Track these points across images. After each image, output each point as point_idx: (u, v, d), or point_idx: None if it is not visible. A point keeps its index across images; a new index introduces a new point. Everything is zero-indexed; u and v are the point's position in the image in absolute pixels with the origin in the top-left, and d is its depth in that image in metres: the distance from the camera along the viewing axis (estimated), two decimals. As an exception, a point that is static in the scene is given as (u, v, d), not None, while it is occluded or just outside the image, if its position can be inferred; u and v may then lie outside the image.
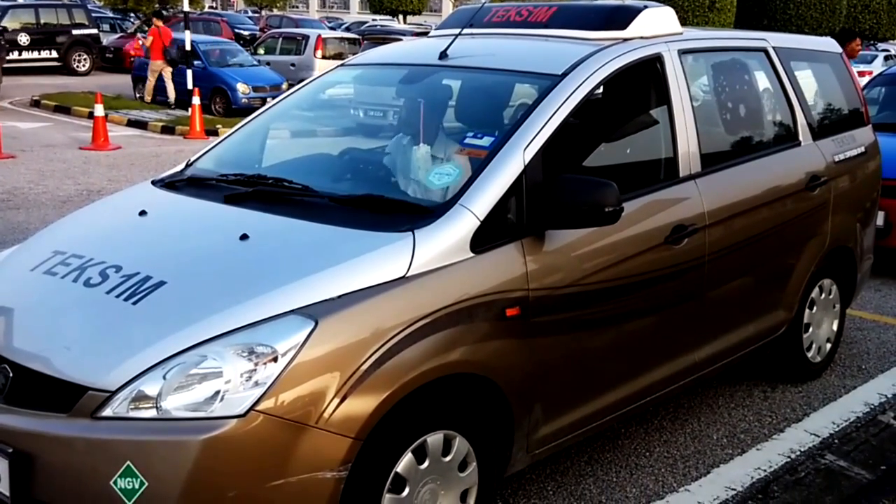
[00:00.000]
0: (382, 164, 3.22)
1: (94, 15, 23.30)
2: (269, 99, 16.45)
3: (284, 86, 17.18)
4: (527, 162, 2.81)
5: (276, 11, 47.15)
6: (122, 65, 22.55)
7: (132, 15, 27.92)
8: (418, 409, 2.50)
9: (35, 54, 20.59)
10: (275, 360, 2.26)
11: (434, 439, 2.55)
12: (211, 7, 48.04)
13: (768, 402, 4.18)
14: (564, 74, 3.09)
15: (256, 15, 42.77)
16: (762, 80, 4.24)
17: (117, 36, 24.75)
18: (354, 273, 2.46)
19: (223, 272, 2.57)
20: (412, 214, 2.70)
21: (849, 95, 4.80)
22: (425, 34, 20.62)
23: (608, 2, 3.76)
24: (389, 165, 3.16)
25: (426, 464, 2.54)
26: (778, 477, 3.46)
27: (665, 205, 3.36)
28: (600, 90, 3.31)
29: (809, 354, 4.40)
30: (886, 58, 24.98)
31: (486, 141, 2.90)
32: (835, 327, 4.59)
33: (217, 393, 2.23)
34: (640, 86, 3.50)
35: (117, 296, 2.50)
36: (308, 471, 2.27)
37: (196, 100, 13.57)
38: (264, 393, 2.23)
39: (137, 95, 17.46)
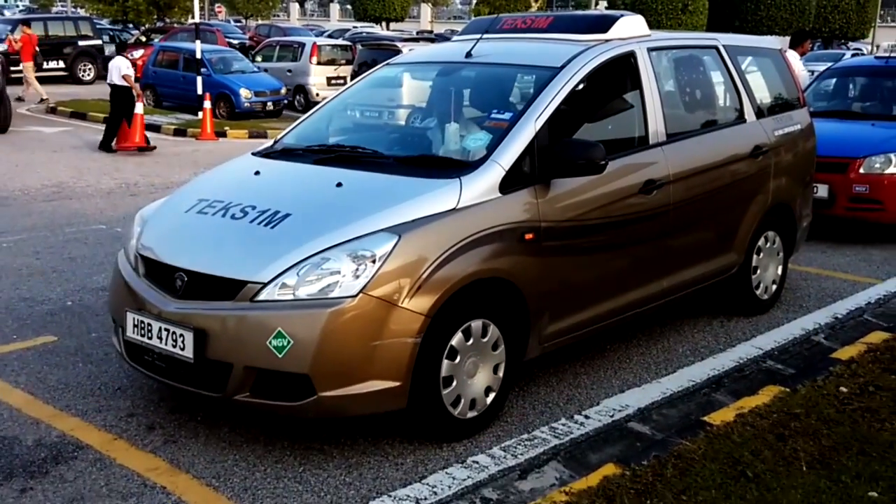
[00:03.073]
0: (426, 135, 4.26)
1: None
2: (269, 103, 17.58)
3: (283, 90, 18.20)
4: (537, 130, 3.85)
5: (260, 21, 48.04)
6: (123, 74, 23.43)
7: (130, 25, 28.80)
8: (466, 301, 3.52)
9: (44, 64, 21.43)
10: (373, 261, 3.29)
11: (476, 324, 3.58)
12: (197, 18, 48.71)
13: (724, 328, 5.23)
14: (562, 66, 4.15)
15: (238, 24, 43.61)
16: (714, 71, 5.32)
17: (117, 46, 25.56)
18: (421, 205, 3.49)
19: (330, 206, 3.60)
20: (457, 167, 3.74)
21: (787, 83, 5.90)
22: (416, 40, 21.57)
23: (593, 12, 4.82)
24: (432, 136, 4.20)
25: (471, 341, 3.57)
26: (728, 374, 4.51)
27: (639, 165, 4.40)
28: (591, 78, 4.34)
29: (758, 292, 5.45)
30: (854, 56, 26.14)
31: (506, 115, 3.97)
32: (779, 272, 5.65)
33: (336, 282, 3.26)
34: (619, 75, 4.55)
35: (258, 224, 3.53)
36: (396, 336, 3.29)
37: (207, 104, 14.53)
38: (367, 283, 3.25)
39: (146, 102, 18.36)
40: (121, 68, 12.48)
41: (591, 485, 3.15)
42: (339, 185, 3.71)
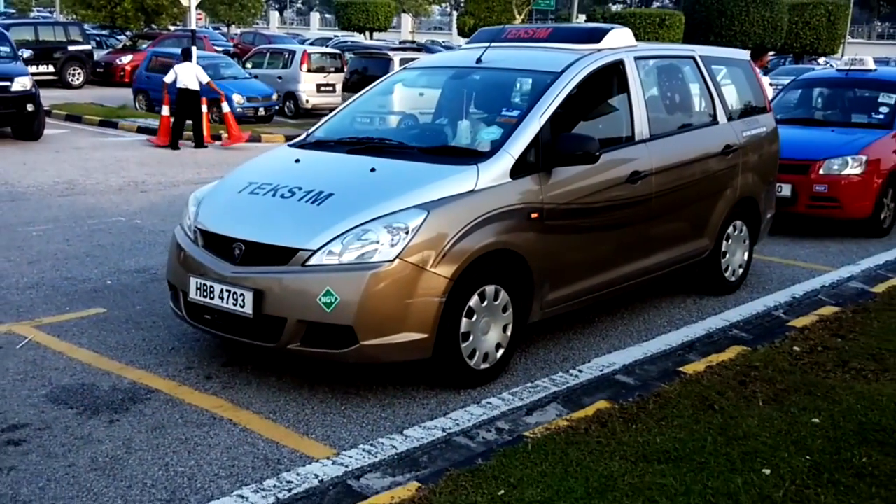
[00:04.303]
0: (444, 130, 4.92)
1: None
2: (260, 108, 18.14)
3: (274, 96, 18.76)
4: (541, 125, 4.51)
5: (243, 28, 48.47)
6: (112, 79, 23.90)
7: (118, 31, 29.20)
8: (481, 269, 4.15)
9: (33, 69, 21.74)
10: (406, 232, 3.92)
11: (489, 289, 4.21)
12: (175, 24, 49.17)
13: (697, 305, 5.93)
14: (562, 72, 4.81)
15: (219, 31, 44.00)
16: (691, 78, 6.03)
17: (106, 52, 26.00)
18: (445, 187, 4.12)
19: (367, 187, 4.22)
20: (474, 156, 4.39)
21: (754, 90, 6.64)
22: (404, 49, 22.21)
23: (587, 24, 5.50)
24: (449, 130, 4.85)
25: (485, 303, 4.20)
26: (699, 340, 5.20)
27: (626, 159, 5.07)
28: (585, 82, 4.96)
29: (727, 275, 6.16)
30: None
31: (515, 113, 4.64)
32: (745, 257, 6.37)
33: (375, 250, 3.88)
34: (610, 80, 5.22)
35: (305, 202, 4.15)
36: (425, 296, 3.91)
37: (204, 108, 15.06)
38: (402, 251, 3.87)
39: (138, 107, 18.86)
40: (198, 75, 13.90)
41: (587, 414, 3.81)
42: (372, 170, 4.34)
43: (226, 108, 14.45)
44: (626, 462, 3.36)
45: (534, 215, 4.39)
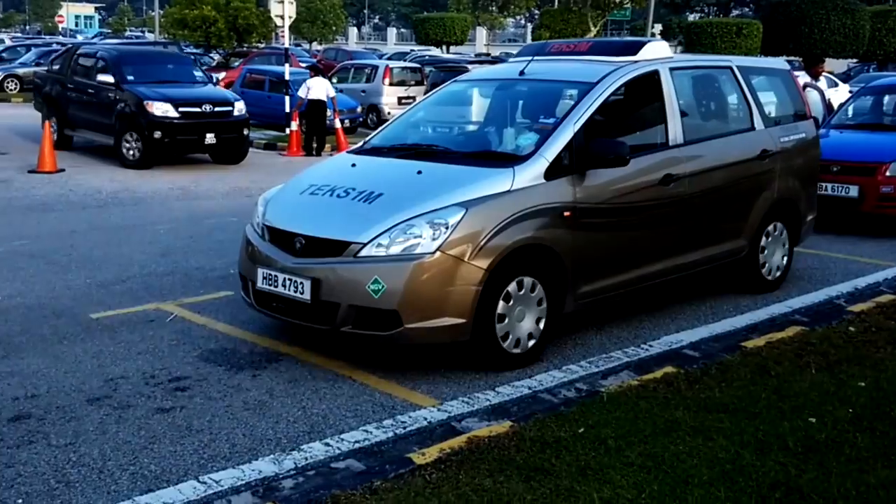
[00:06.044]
0: (486, 136, 5.53)
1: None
2: (346, 120, 19.17)
3: (358, 109, 19.78)
4: (575, 131, 4.97)
5: (324, 45, 50.28)
6: (207, 95, 25.46)
7: (211, 49, 31.03)
8: (517, 261, 4.59)
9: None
10: (447, 227, 4.43)
11: (525, 280, 4.61)
12: (262, 43, 51.31)
13: (763, 296, 6.37)
14: (598, 82, 5.27)
15: (298, 47, 45.90)
16: (728, 87, 6.40)
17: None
18: (483, 187, 4.63)
19: (413, 187, 4.77)
20: (511, 160, 4.90)
21: (794, 99, 6.96)
22: (481, 62, 23.01)
23: (625, 38, 6.02)
24: (491, 136, 5.46)
25: (521, 293, 4.66)
26: (761, 323, 5.67)
27: (659, 163, 5.46)
28: (621, 91, 5.43)
29: (765, 274, 6.44)
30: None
31: (551, 120, 5.14)
32: (785, 257, 6.60)
33: (418, 243, 4.42)
34: (645, 89, 5.63)
35: (358, 201, 4.73)
36: (464, 284, 4.41)
37: (294, 125, 16.12)
38: (442, 244, 4.39)
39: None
40: (328, 89, 15.62)
41: (655, 376, 4.39)
42: (419, 172, 4.91)
43: (337, 122, 16.13)
44: (688, 412, 3.93)
45: (567, 213, 4.81)
